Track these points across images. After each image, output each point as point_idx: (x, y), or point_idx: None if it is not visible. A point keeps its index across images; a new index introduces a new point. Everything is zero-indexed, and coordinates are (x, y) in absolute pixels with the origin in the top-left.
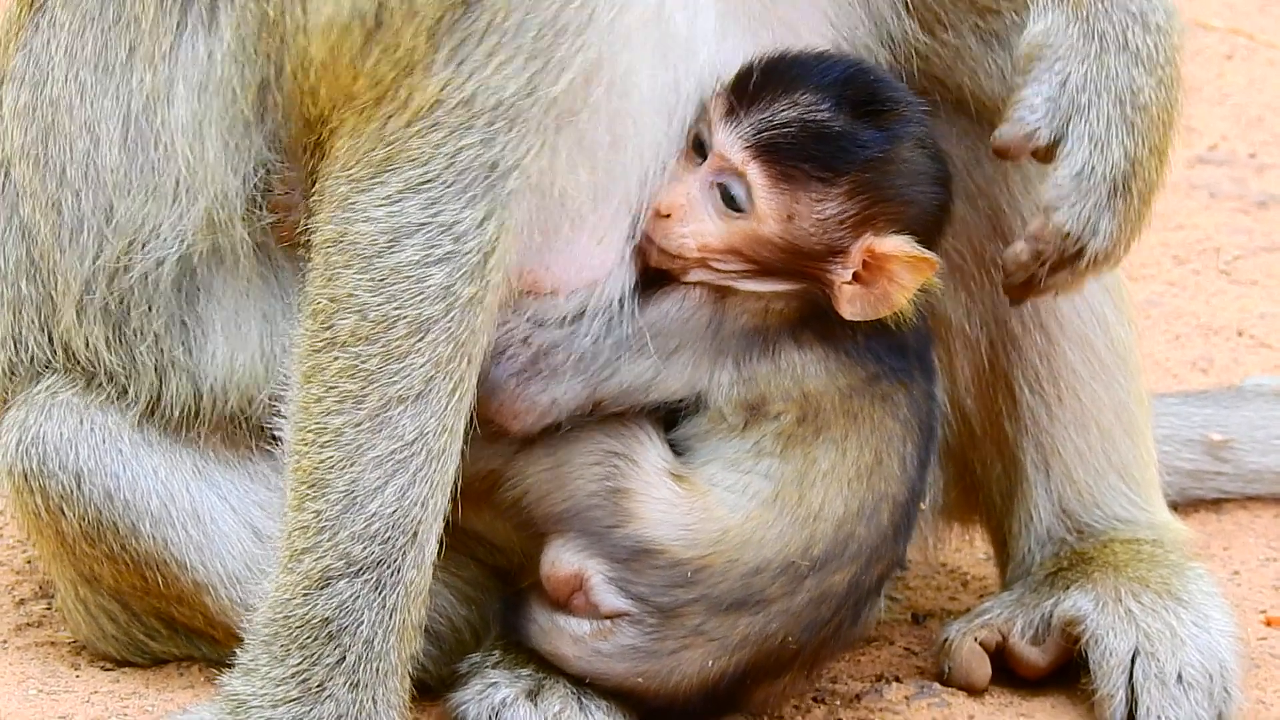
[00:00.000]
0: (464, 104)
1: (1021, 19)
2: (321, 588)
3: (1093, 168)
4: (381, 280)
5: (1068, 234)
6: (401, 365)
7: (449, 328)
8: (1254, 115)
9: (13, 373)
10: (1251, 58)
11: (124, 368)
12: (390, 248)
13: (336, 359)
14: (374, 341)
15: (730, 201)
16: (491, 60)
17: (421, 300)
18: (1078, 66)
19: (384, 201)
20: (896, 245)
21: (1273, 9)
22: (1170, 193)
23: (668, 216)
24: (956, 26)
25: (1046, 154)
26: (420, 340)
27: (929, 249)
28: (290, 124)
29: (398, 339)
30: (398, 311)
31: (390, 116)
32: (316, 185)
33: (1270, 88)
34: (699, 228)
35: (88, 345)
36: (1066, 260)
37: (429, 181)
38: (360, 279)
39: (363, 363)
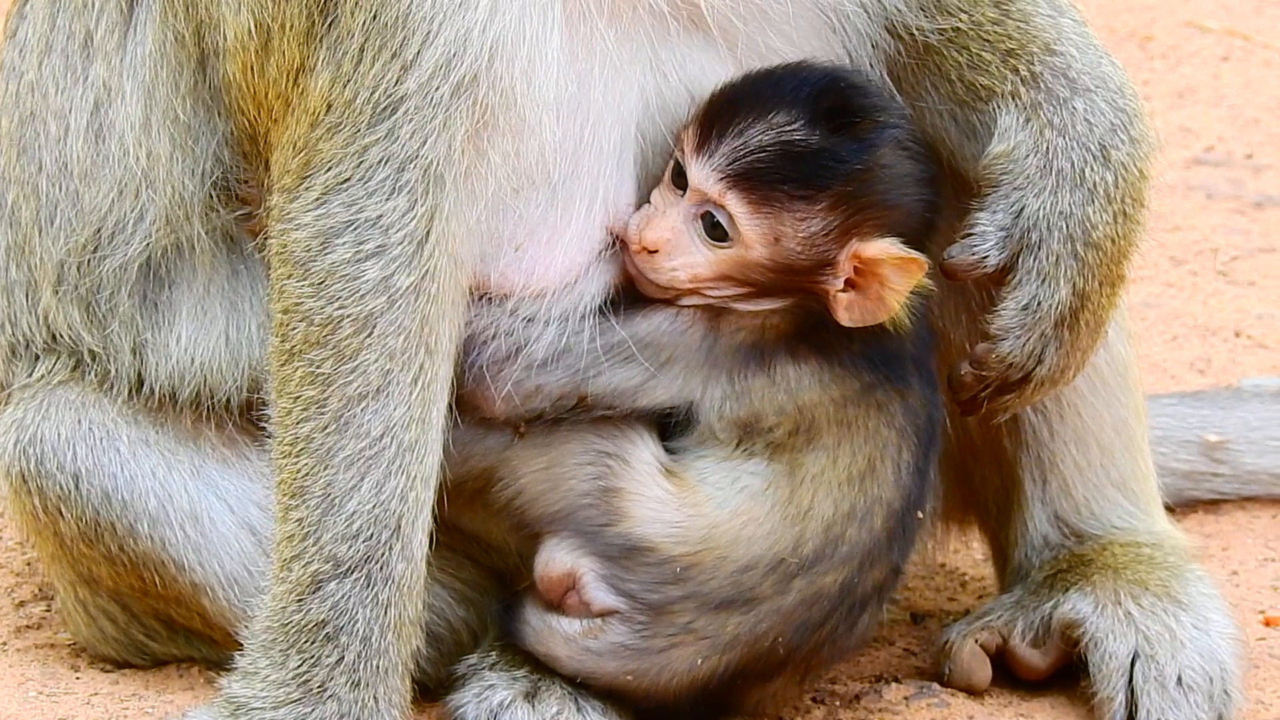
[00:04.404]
0: (349, 103)
1: (995, 127)
2: (313, 591)
3: (1039, 302)
4: (320, 283)
5: (1011, 363)
6: (355, 364)
7: (395, 319)
8: (1251, 116)
9: (13, 353)
10: (1248, 59)
11: (102, 348)
12: (323, 250)
13: (297, 369)
14: (324, 345)
15: (714, 231)
16: (361, 60)
17: (361, 296)
18: (1032, 200)
19: (311, 206)
20: (882, 248)
21: (1269, 10)
22: (1167, 194)
23: (655, 252)
24: (936, 109)
25: (996, 278)
26: (368, 336)
27: (919, 250)
28: (237, 131)
29: (345, 338)
30: (340, 311)
31: (298, 123)
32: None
33: (1267, 89)
34: (687, 260)
35: (68, 326)
36: (1011, 385)
37: (346, 181)
38: (301, 286)
39: (318, 367)
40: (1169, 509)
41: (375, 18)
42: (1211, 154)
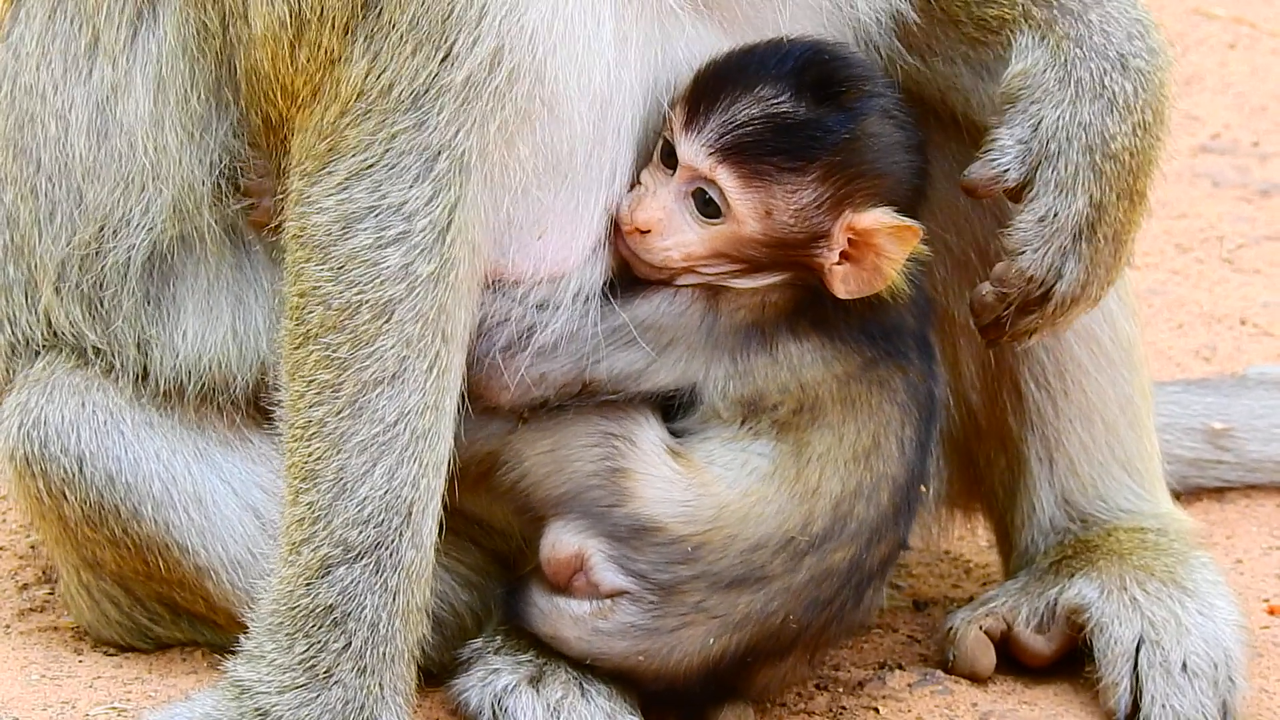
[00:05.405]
0: (384, 93)
1: (1009, 54)
2: (322, 576)
3: (1055, 213)
4: (340, 268)
5: (1031, 277)
6: (372, 349)
7: (414, 306)
8: (1257, 104)
9: (13, 351)
10: (1254, 46)
11: (107, 344)
12: (344, 234)
13: (311, 352)
14: (341, 329)
15: (706, 208)
16: (400, 51)
17: (381, 282)
18: (1051, 111)
19: (333, 190)
20: (875, 218)
21: None
22: (1173, 181)
23: (647, 232)
24: (948, 55)
25: (1015, 194)
26: (386, 322)
27: (911, 217)
28: (253, 119)
29: (363, 323)
30: (359, 296)
31: (326, 109)
32: (284, 183)
33: (1273, 76)
34: (680, 239)
35: (70, 324)
36: (1033, 303)
37: (371, 166)
38: (321, 270)
39: (334, 351)
40: (1175, 496)
41: (417, 17)
42: (1218, 141)
